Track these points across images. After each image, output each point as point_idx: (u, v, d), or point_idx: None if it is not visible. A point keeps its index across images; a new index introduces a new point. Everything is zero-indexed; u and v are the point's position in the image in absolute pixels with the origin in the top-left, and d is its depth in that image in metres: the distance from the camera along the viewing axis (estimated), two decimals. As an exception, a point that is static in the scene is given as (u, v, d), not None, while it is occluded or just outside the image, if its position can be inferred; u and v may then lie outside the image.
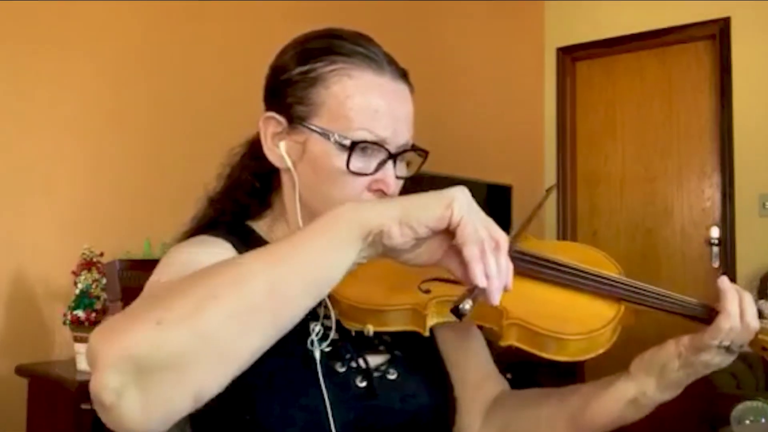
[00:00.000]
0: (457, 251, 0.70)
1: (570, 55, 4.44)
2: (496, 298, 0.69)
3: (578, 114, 4.46)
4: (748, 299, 0.86)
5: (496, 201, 3.62)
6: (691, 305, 0.89)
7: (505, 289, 0.70)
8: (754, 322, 0.85)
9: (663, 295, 0.90)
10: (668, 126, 4.17)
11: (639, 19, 4.14)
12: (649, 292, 0.90)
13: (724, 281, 0.87)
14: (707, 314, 0.87)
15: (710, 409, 2.87)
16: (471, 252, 0.68)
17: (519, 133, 4.21)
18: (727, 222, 3.89)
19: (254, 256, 0.67)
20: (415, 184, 0.92)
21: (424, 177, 0.99)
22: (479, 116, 3.94)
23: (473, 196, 0.71)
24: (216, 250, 0.90)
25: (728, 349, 0.86)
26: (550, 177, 4.41)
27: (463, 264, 0.69)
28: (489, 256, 0.69)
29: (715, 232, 3.95)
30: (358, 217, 0.68)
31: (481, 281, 0.68)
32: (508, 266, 0.70)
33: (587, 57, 4.42)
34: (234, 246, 0.93)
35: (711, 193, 4.02)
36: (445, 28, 3.79)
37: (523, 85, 4.32)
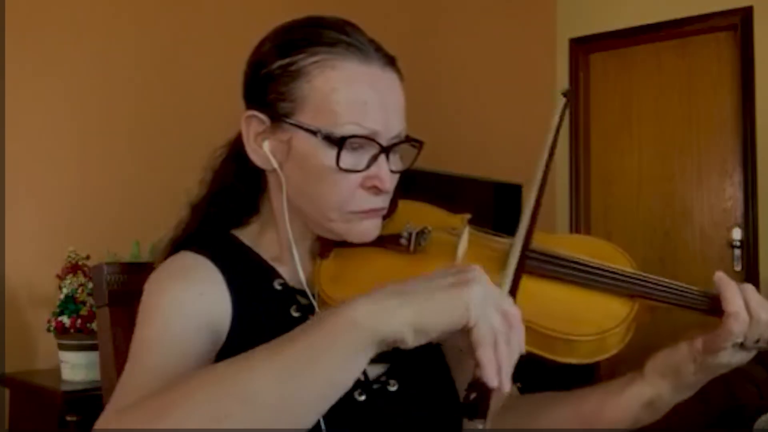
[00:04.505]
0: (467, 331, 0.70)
1: (584, 47, 4.43)
2: (506, 388, 0.69)
3: (592, 109, 4.46)
4: (751, 290, 0.85)
5: (504, 201, 3.59)
6: (709, 299, 0.87)
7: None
8: (764, 315, 0.84)
9: (681, 290, 0.89)
10: (687, 121, 4.16)
11: (657, 8, 4.13)
12: (665, 287, 0.89)
13: (721, 278, 0.87)
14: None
15: (732, 420, 2.86)
16: (485, 355, 0.68)
17: (529, 130, 4.19)
18: (750, 223, 3.88)
19: (263, 366, 0.68)
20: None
21: (431, 175, 0.98)
22: (487, 112, 3.94)
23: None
24: (199, 287, 0.89)
25: (743, 346, 0.86)
26: (563, 175, 4.40)
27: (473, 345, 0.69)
28: (502, 349, 0.69)
29: (737, 234, 3.94)
30: (373, 325, 0.67)
31: (492, 382, 0.68)
32: (520, 343, 0.71)
33: (602, 48, 4.41)
34: (217, 265, 0.92)
35: (732, 193, 4.01)
36: (452, 20, 3.79)
37: (534, 78, 4.31)
